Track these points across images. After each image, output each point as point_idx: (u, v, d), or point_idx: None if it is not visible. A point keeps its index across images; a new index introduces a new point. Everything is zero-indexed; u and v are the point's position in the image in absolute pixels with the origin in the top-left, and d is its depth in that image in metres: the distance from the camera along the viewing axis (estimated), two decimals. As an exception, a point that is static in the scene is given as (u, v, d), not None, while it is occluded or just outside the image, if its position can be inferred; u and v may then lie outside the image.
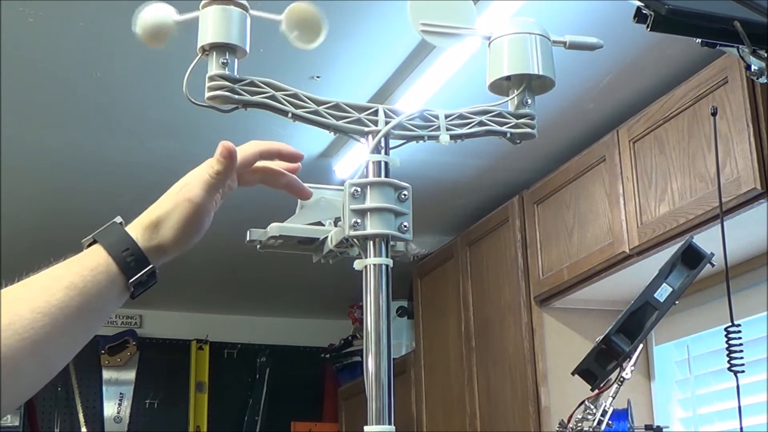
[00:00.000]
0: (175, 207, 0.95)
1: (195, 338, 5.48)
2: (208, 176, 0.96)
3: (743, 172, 2.47)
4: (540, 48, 0.99)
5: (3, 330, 0.83)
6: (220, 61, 0.92)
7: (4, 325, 0.83)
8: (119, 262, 0.92)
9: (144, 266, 0.94)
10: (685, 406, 3.33)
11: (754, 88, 2.47)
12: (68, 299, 0.88)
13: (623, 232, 2.93)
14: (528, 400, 3.38)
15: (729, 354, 1.63)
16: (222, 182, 0.97)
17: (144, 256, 0.94)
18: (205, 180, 0.96)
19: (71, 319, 0.88)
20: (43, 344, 0.85)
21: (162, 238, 0.95)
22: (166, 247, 0.96)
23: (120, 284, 0.93)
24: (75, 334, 0.90)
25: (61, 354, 0.90)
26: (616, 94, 3.07)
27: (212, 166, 0.97)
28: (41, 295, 0.86)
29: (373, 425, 0.88)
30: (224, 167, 0.96)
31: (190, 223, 0.96)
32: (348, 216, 0.92)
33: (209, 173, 0.96)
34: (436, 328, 4.14)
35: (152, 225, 0.95)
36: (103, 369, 5.29)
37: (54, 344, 0.87)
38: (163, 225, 0.95)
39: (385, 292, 0.91)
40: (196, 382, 5.42)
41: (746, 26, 1.06)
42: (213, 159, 0.97)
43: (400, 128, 0.97)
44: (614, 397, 1.68)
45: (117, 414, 5.27)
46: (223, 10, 0.91)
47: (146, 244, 0.94)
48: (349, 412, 5.12)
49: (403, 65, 2.88)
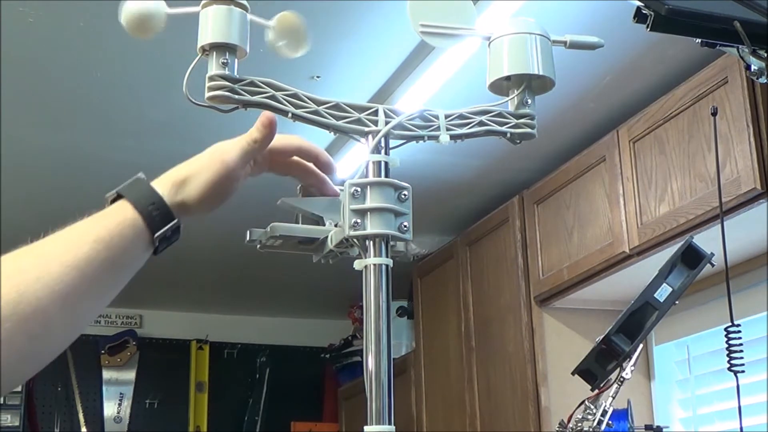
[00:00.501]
0: (206, 166, 0.95)
1: (195, 338, 5.48)
2: (245, 142, 0.97)
3: (743, 172, 2.47)
4: (540, 48, 0.99)
5: (33, 283, 0.82)
6: (220, 61, 0.92)
7: (34, 278, 0.83)
8: (145, 216, 0.91)
9: (169, 221, 0.93)
10: (685, 406, 3.33)
11: (754, 88, 2.47)
12: (95, 253, 0.87)
13: (623, 232, 2.93)
14: (528, 400, 3.38)
15: (729, 354, 1.64)
16: (258, 151, 0.98)
17: (169, 211, 0.93)
18: (242, 146, 0.97)
19: (99, 273, 0.88)
20: (72, 298, 0.85)
21: (187, 195, 0.94)
22: (190, 205, 0.95)
23: (146, 239, 0.92)
24: (102, 289, 0.90)
25: (90, 308, 0.89)
26: (616, 94, 3.07)
27: (251, 134, 0.97)
28: (69, 249, 0.86)
29: (373, 425, 0.88)
30: (263, 136, 0.97)
31: (219, 184, 0.95)
32: (348, 216, 0.92)
33: (247, 140, 0.97)
34: (436, 328, 4.14)
35: (180, 182, 0.94)
36: (103, 369, 5.29)
37: (83, 298, 0.87)
38: (191, 183, 0.95)
39: (385, 292, 0.91)
40: (196, 382, 5.42)
41: (746, 26, 1.06)
42: (252, 128, 0.97)
43: (400, 128, 0.97)
44: (614, 397, 1.68)
45: (117, 414, 5.27)
46: (223, 10, 0.91)
47: (171, 200, 0.94)
48: (349, 412, 5.12)
49: (403, 65, 2.88)
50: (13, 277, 0.82)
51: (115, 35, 2.68)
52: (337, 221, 0.97)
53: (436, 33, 0.99)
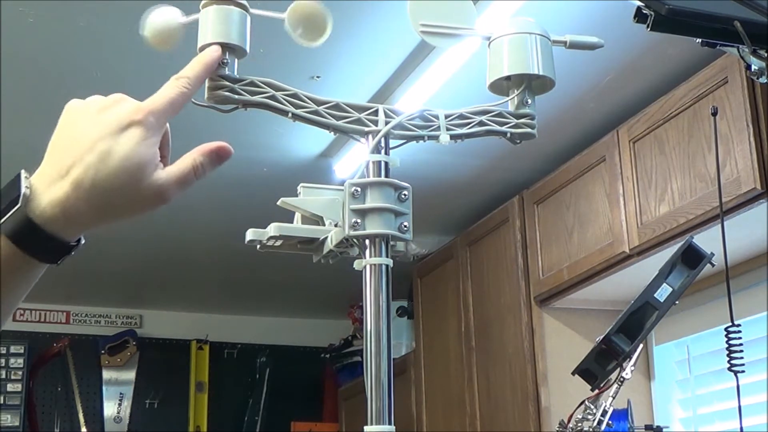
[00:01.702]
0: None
1: (195, 338, 5.48)
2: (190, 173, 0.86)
3: (743, 172, 2.47)
4: (540, 48, 0.99)
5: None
6: (221, 60, 0.92)
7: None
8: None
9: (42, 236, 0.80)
10: (685, 406, 3.33)
11: (754, 88, 2.47)
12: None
13: (623, 232, 2.93)
14: (528, 400, 3.38)
15: (729, 354, 1.64)
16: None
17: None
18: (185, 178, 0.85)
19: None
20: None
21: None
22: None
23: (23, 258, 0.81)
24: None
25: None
26: (616, 94, 3.07)
27: (195, 160, 0.86)
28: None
29: (373, 425, 0.88)
30: (210, 164, 0.87)
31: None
32: (348, 216, 0.92)
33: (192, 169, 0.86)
34: (436, 328, 4.14)
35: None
36: (103, 369, 5.29)
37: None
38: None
39: (385, 292, 0.91)
40: (196, 382, 5.42)
41: (746, 26, 1.06)
42: (197, 154, 0.86)
43: (400, 128, 0.97)
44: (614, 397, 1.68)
45: (117, 414, 5.27)
46: (223, 10, 0.91)
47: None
48: (349, 412, 5.12)
49: (403, 65, 2.88)
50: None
51: (115, 35, 2.68)
52: (337, 221, 0.97)
53: (436, 33, 0.99)
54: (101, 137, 0.79)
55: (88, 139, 0.80)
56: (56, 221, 0.79)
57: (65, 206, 0.78)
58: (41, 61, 2.82)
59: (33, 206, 0.78)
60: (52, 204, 0.78)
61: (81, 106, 0.83)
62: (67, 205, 0.79)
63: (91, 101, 0.83)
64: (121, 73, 2.83)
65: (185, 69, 0.86)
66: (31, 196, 0.78)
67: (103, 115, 0.81)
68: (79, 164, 0.79)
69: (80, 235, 0.82)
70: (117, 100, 0.83)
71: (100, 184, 0.79)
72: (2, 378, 4.90)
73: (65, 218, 0.79)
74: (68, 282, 4.74)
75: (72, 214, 0.79)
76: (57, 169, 0.79)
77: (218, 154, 0.87)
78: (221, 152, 0.87)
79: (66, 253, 0.81)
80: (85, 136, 0.80)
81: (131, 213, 0.83)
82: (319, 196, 1.02)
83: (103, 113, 0.81)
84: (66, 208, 0.79)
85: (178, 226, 4.09)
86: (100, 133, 0.80)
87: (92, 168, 0.79)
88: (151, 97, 0.83)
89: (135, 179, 0.80)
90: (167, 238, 4.29)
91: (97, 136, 0.79)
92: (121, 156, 0.79)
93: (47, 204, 0.78)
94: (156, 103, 0.83)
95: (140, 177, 0.80)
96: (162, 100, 0.83)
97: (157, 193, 0.82)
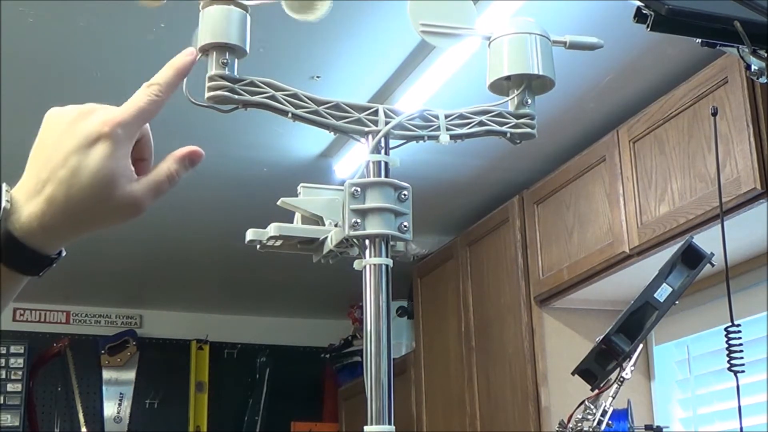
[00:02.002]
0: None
1: (195, 338, 5.48)
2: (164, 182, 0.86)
3: (743, 172, 2.47)
4: (540, 48, 0.99)
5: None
6: (220, 61, 0.92)
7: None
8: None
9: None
10: (685, 406, 3.33)
11: (754, 88, 2.47)
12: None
13: (623, 232, 2.93)
14: (528, 400, 3.38)
15: (729, 354, 1.64)
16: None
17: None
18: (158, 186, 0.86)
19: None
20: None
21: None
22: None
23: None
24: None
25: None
26: (616, 94, 3.07)
27: (170, 168, 0.86)
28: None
29: (373, 425, 0.88)
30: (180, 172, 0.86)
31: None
32: (348, 216, 0.92)
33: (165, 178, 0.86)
34: (436, 328, 4.14)
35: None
36: (103, 369, 5.30)
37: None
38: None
39: (385, 292, 0.91)
40: (196, 382, 5.42)
41: (746, 26, 1.06)
42: (172, 162, 0.86)
43: (400, 128, 0.97)
44: (614, 397, 1.68)
45: (117, 414, 5.27)
46: (223, 10, 0.91)
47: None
48: (349, 412, 5.12)
49: (403, 65, 2.88)
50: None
51: (115, 35, 2.68)
52: (337, 221, 0.97)
53: (437, 32, 0.99)
54: (71, 152, 0.80)
55: (60, 153, 0.80)
56: (35, 235, 0.79)
57: (42, 221, 0.79)
58: (41, 61, 2.82)
59: (13, 219, 0.79)
60: (30, 218, 0.79)
61: (56, 118, 0.83)
62: (44, 220, 0.79)
63: (66, 111, 0.84)
64: (121, 73, 2.83)
65: (157, 75, 0.86)
66: (11, 209, 0.79)
67: (74, 128, 0.81)
68: (53, 179, 0.80)
69: (61, 248, 0.83)
70: (87, 111, 0.83)
71: (73, 199, 0.80)
72: (2, 378, 4.90)
73: (43, 232, 0.80)
74: (68, 282, 4.74)
75: (49, 228, 0.80)
76: (34, 183, 0.81)
77: (191, 159, 0.87)
78: (193, 156, 0.87)
79: (47, 265, 0.82)
80: (58, 150, 0.81)
81: (107, 224, 0.84)
82: (319, 196, 1.02)
83: (75, 125, 0.81)
84: (43, 223, 0.79)
85: (178, 226, 4.09)
86: (70, 148, 0.80)
87: (64, 183, 0.80)
88: (122, 107, 0.84)
89: (107, 192, 0.81)
90: (167, 238, 4.29)
91: (67, 150, 0.80)
92: (91, 171, 0.80)
93: (26, 218, 0.79)
94: (124, 114, 0.83)
95: (112, 189, 0.81)
96: (131, 110, 0.83)
97: (131, 203, 0.83)
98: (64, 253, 0.83)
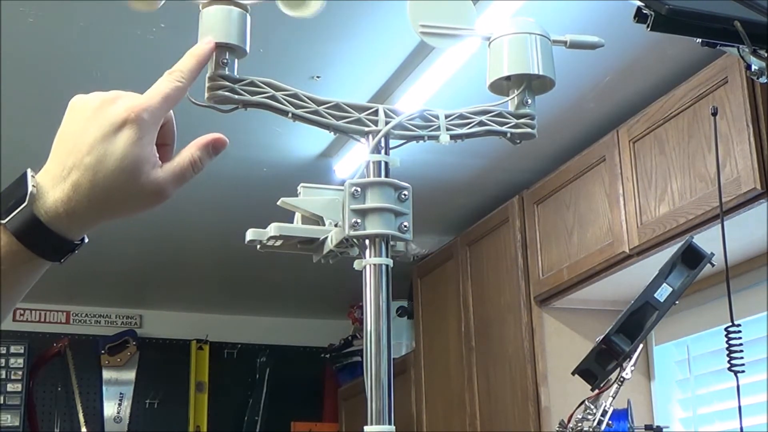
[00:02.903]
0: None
1: (195, 338, 5.48)
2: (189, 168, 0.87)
3: (743, 172, 2.47)
4: (540, 48, 0.99)
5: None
6: (220, 61, 0.92)
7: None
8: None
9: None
10: (685, 406, 3.33)
11: (754, 88, 2.47)
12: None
13: (623, 232, 2.93)
14: (528, 400, 3.38)
15: (729, 354, 1.64)
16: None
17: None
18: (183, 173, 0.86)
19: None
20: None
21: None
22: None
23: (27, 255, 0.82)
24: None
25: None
26: (616, 94, 3.07)
27: (193, 155, 0.86)
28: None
29: (373, 425, 0.88)
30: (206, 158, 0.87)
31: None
32: (348, 216, 0.92)
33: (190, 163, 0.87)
34: (436, 328, 4.14)
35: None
36: (103, 369, 5.30)
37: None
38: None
39: (385, 292, 0.91)
40: (196, 382, 5.42)
41: (746, 26, 1.06)
42: (195, 148, 0.86)
43: (400, 128, 0.97)
44: (614, 397, 1.68)
45: (117, 414, 5.27)
46: (223, 10, 0.91)
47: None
48: (349, 412, 5.12)
49: (403, 65, 2.88)
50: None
51: (115, 35, 2.68)
52: (337, 221, 0.97)
53: (436, 33, 0.99)
54: (97, 139, 0.80)
55: (86, 140, 0.81)
56: (61, 220, 0.80)
57: (68, 206, 0.80)
58: (41, 61, 2.82)
59: (39, 205, 0.79)
60: (56, 204, 0.80)
61: (81, 105, 0.84)
62: (69, 206, 0.80)
63: (91, 98, 0.84)
64: (121, 73, 2.83)
65: (178, 63, 0.87)
66: (37, 194, 0.79)
67: (99, 114, 0.82)
68: (78, 166, 0.80)
69: (83, 234, 0.83)
70: (113, 98, 0.83)
71: (99, 186, 0.80)
72: (2, 378, 4.90)
73: (68, 218, 0.80)
74: (68, 282, 4.74)
75: (74, 213, 0.80)
76: (60, 169, 0.81)
77: (214, 146, 0.88)
78: (217, 143, 0.88)
79: (70, 251, 0.82)
80: (83, 136, 0.81)
81: (132, 211, 0.84)
82: (319, 196, 1.02)
83: (100, 112, 0.82)
84: (69, 208, 0.80)
85: (178, 226, 4.08)
86: (96, 134, 0.81)
87: (90, 170, 0.80)
88: (146, 93, 0.84)
89: (132, 178, 0.81)
90: (167, 238, 4.29)
91: (93, 137, 0.81)
92: (117, 157, 0.80)
93: (52, 203, 0.80)
94: (150, 100, 0.83)
95: (137, 176, 0.81)
96: (156, 96, 0.84)
97: (156, 190, 0.83)
98: (86, 240, 0.84)
